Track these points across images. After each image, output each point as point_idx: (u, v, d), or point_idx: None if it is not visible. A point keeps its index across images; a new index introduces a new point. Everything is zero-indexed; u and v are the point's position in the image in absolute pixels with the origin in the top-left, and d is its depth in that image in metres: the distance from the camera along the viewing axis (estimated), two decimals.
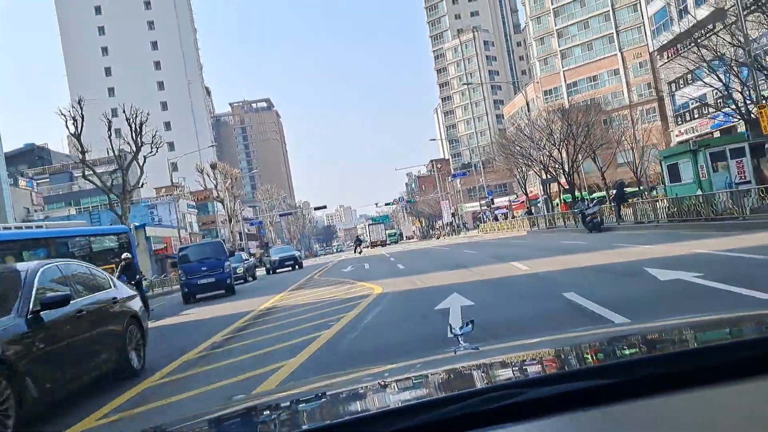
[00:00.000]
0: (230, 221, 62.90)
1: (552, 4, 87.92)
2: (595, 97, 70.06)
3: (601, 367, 1.46)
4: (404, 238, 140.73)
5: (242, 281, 30.08)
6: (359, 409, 1.48)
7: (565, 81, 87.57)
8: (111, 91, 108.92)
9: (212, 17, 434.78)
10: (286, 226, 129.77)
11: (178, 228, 48.72)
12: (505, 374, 1.64)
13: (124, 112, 38.35)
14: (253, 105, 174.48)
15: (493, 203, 60.60)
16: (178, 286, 28.37)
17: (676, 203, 23.19)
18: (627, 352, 1.67)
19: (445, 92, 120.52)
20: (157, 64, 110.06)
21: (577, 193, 41.77)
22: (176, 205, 52.61)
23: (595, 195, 45.40)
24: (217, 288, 22.34)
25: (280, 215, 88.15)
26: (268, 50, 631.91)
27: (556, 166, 43.19)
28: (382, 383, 1.78)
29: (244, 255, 37.45)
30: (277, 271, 38.80)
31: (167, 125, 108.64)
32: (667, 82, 54.98)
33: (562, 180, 45.95)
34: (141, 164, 39.74)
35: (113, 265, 20.29)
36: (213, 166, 62.66)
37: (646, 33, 61.61)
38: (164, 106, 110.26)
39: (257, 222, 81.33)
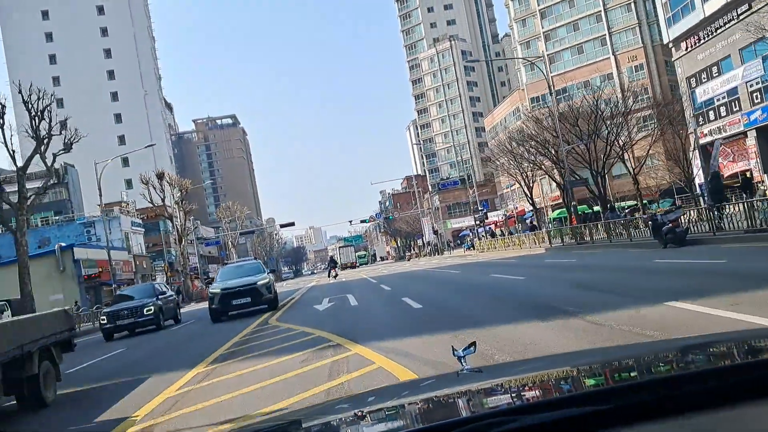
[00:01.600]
0: (180, 241, 52.75)
1: (538, 5, 80.00)
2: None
3: (600, 392, 1.41)
4: (379, 259, 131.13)
5: (153, 327, 19.84)
6: None
7: (554, 87, 79.29)
8: (60, 102, 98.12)
9: (178, 32, 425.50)
10: (252, 248, 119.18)
11: (107, 248, 38.54)
12: (503, 399, 1.56)
13: (20, 92, 28.26)
14: (218, 121, 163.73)
15: (487, 217, 51.54)
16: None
17: None
18: (626, 377, 1.59)
19: (422, 104, 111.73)
20: (111, 74, 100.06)
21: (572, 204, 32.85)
22: (106, 221, 42.42)
23: (626, 203, 36.66)
24: None
25: (241, 234, 77.42)
26: (234, 69, 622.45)
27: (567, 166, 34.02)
28: (382, 407, 1.73)
29: (161, 286, 24.31)
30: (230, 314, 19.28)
31: (121, 139, 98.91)
32: (686, 77, 46.70)
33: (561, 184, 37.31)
34: (50, 165, 29.59)
35: None
36: (160, 176, 52.58)
37: (659, 22, 53.55)
38: (118, 118, 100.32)
39: (214, 242, 70.35)
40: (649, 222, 21.86)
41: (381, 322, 11.95)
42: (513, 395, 1.58)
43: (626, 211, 36.69)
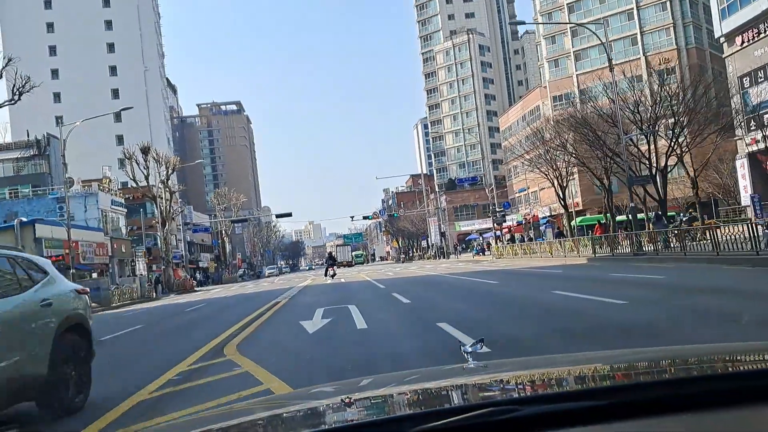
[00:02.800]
0: (164, 225, 46.74)
1: None
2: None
3: (597, 389, 1.48)
4: (378, 259, 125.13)
5: None
6: (361, 416, 1.48)
7: (579, 86, 73.40)
8: (55, 72, 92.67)
9: (187, 19, 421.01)
10: (248, 238, 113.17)
11: (67, 226, 32.63)
12: (506, 391, 1.62)
13: None
14: (222, 107, 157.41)
15: (505, 219, 45.55)
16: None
17: None
18: (621, 376, 1.67)
19: (433, 99, 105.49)
20: (111, 47, 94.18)
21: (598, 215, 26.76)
22: (66, 196, 36.52)
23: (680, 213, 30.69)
24: None
25: (232, 221, 70.75)
26: (241, 58, 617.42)
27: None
28: (382, 393, 1.77)
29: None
30: None
31: (117, 116, 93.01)
32: (739, 76, 40.70)
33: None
34: None
35: None
36: (145, 151, 46.57)
37: (710, 16, 47.64)
38: (115, 93, 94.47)
39: (203, 229, 63.52)
40: (766, 230, 15.91)
41: None
42: (515, 388, 1.60)
43: (683, 220, 30.95)
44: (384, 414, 1.46)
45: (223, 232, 76.18)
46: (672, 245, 21.74)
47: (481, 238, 64.98)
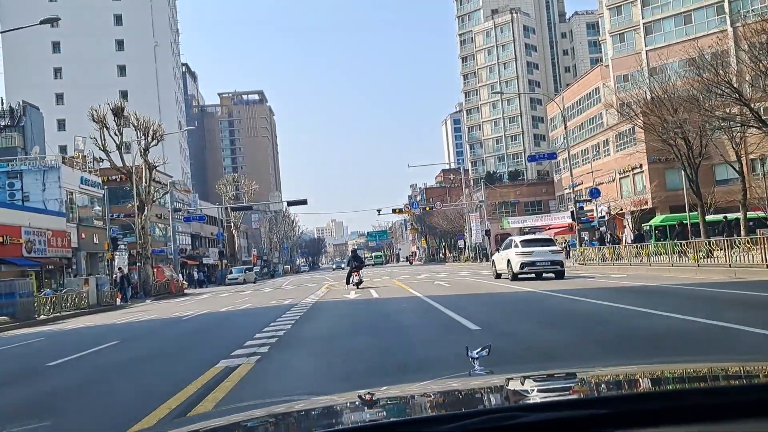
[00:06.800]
0: (142, 209, 35.25)
1: None
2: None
3: (602, 398, 1.48)
4: (403, 260, 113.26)
5: None
6: (365, 420, 1.46)
7: (649, 64, 60.70)
8: (56, 46, 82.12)
9: (211, 5, 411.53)
10: (266, 234, 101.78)
11: None
12: (509, 398, 1.61)
13: None
14: (244, 97, 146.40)
15: (585, 214, 33.35)
16: None
17: None
18: (621, 387, 1.66)
19: (470, 85, 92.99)
20: (118, 19, 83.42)
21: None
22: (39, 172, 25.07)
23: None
24: None
25: (233, 209, 58.48)
26: (265, 47, 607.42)
27: None
28: (392, 396, 1.76)
29: None
30: None
31: (123, 94, 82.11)
32: None
33: None
34: None
35: None
36: (117, 113, 35.28)
37: None
38: (122, 70, 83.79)
39: (198, 218, 50.76)
40: None
41: None
42: (520, 395, 1.58)
43: None
44: (381, 420, 1.41)
45: (232, 224, 64.58)
46: None
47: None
